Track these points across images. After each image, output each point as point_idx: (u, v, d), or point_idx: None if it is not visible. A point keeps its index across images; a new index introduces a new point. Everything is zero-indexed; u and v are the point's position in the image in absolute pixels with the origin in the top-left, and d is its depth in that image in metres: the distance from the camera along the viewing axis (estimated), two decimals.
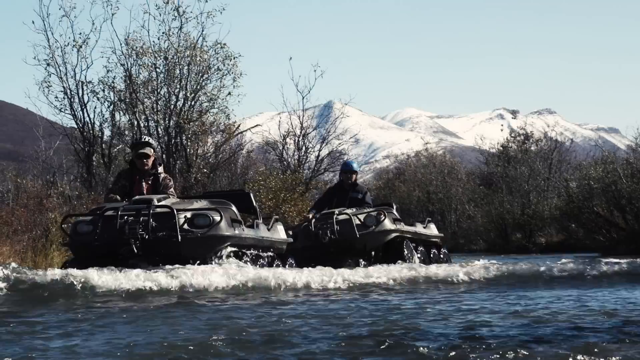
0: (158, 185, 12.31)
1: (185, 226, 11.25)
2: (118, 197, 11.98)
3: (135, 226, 10.96)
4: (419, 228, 17.54)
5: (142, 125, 24.26)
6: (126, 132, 24.79)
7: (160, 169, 12.53)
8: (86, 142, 23.82)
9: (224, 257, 11.61)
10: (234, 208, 12.36)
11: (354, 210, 15.79)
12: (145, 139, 13.02)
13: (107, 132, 24.53)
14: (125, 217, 11.06)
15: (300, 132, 29.85)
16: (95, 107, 24.52)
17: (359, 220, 15.46)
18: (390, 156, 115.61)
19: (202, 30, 24.31)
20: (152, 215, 11.10)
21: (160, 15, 24.19)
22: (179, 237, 10.98)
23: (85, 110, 23.79)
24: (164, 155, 24.30)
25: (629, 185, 26.67)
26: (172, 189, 12.34)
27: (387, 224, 15.79)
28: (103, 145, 24.24)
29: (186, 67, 24.25)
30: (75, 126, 24.03)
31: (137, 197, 11.74)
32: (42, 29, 23.50)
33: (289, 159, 31.00)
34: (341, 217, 15.35)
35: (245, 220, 12.97)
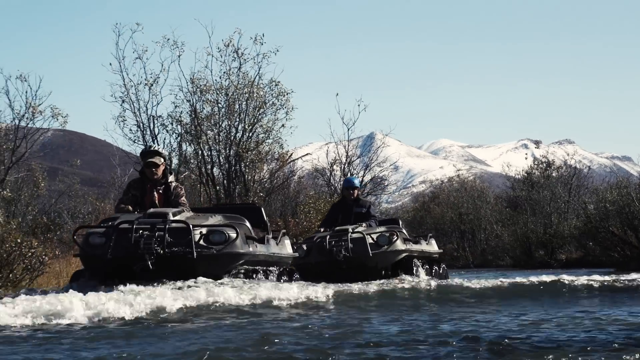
0: (170, 194, 11.17)
1: (201, 242, 10.15)
2: (130, 207, 10.86)
3: (151, 241, 9.77)
4: (423, 245, 16.58)
5: (205, 154, 24.35)
6: (192, 161, 24.87)
7: (171, 178, 11.44)
8: None
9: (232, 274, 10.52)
10: (248, 224, 11.36)
11: (364, 226, 14.86)
12: (154, 147, 11.66)
13: (175, 161, 24.63)
14: (140, 231, 9.89)
15: (346, 160, 29.83)
16: (164, 139, 24.60)
17: (372, 239, 14.50)
18: (426, 181, 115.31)
19: (259, 70, 24.34)
20: (168, 230, 9.94)
21: (221, 57, 24.30)
22: (195, 254, 9.87)
23: (155, 141, 23.87)
24: (225, 181, 24.38)
25: None
26: (183, 198, 11.25)
27: (399, 244, 14.87)
28: (171, 172, 24.33)
29: (244, 103, 24.28)
30: None
31: (151, 210, 10.56)
32: (118, 70, 23.65)
33: (336, 184, 30.95)
34: (355, 235, 14.34)
35: (255, 233, 11.76)
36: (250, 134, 24.42)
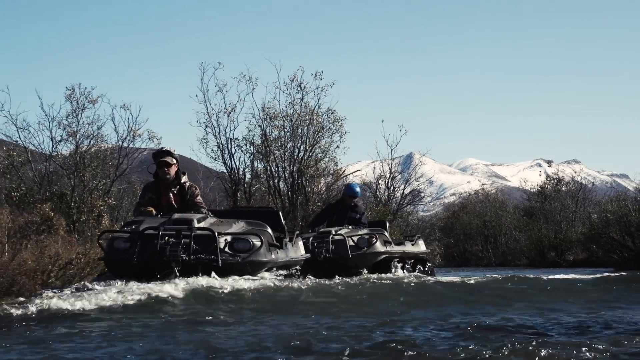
0: (185, 194, 9.82)
1: (226, 249, 8.85)
2: (151, 208, 9.51)
3: (177, 248, 8.45)
4: (407, 247, 15.26)
5: (273, 170, 24.43)
6: (262, 176, 24.97)
7: (185, 178, 10.01)
8: (233, 182, 24.04)
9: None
10: (269, 230, 9.80)
11: (349, 229, 13.69)
12: (166, 147, 10.10)
13: (247, 175, 24.76)
14: (166, 238, 8.56)
15: (389, 176, 29.74)
16: (239, 157, 24.74)
17: (353, 241, 13.32)
18: (456, 194, 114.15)
19: (318, 100, 24.36)
20: (193, 237, 8.64)
21: (287, 89, 24.40)
22: (220, 262, 8.56)
23: (232, 159, 24.04)
24: (289, 192, 24.43)
25: (637, 217, 26.05)
26: (199, 197, 9.91)
27: (378, 246, 13.67)
28: (245, 185, 24.46)
29: (306, 128, 24.32)
30: (225, 171, 24.30)
31: (176, 215, 9.17)
32: (202, 100, 23.80)
33: (381, 196, 30.87)
34: (336, 237, 13.16)
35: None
36: (310, 154, 24.47)
